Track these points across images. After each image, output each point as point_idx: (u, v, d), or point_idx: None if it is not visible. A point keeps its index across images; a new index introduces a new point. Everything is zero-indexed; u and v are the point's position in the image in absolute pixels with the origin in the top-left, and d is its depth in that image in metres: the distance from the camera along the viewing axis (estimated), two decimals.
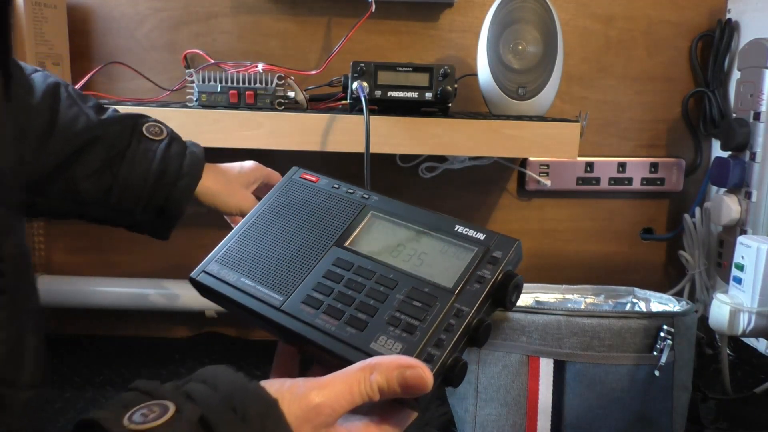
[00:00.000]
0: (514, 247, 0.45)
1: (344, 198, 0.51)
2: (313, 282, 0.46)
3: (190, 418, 0.32)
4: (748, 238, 0.82)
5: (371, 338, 0.41)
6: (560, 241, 1.13)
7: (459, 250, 0.45)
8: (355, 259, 0.46)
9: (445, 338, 0.41)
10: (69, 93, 0.60)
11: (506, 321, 0.74)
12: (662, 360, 0.70)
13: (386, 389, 0.37)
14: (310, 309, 0.44)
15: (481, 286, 0.43)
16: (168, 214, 0.63)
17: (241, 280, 0.47)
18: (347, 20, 1.03)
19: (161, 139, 0.63)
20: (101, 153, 0.59)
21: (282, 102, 0.87)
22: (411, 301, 0.43)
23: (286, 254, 0.48)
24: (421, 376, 0.37)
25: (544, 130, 0.86)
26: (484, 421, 0.75)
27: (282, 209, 0.52)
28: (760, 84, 0.92)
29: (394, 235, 0.48)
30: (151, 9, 1.02)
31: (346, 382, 0.37)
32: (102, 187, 0.60)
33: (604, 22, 1.07)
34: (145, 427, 0.31)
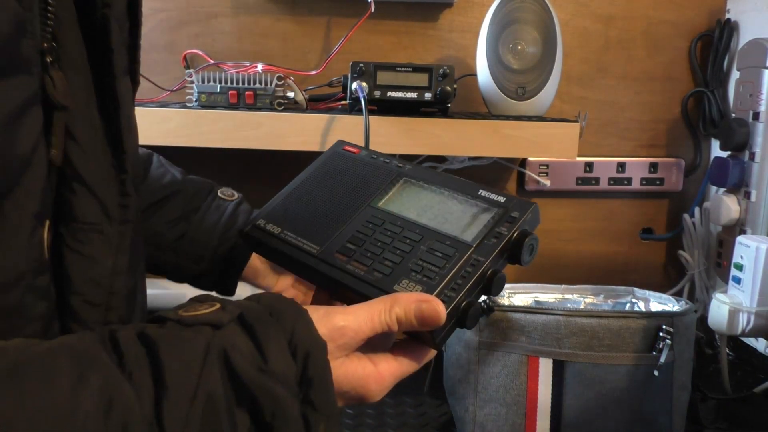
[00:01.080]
0: (531, 209, 0.49)
1: (381, 166, 0.57)
2: (347, 235, 0.51)
3: (233, 311, 0.37)
4: (747, 238, 0.82)
5: (395, 281, 0.46)
6: (560, 241, 1.13)
7: (480, 211, 0.50)
8: (386, 217, 0.52)
9: (460, 283, 0.45)
10: (159, 159, 0.70)
11: (506, 321, 0.74)
12: (661, 360, 0.70)
13: (404, 320, 0.41)
14: (343, 257, 0.49)
15: (497, 241, 0.47)
16: (233, 263, 0.68)
17: (284, 233, 0.53)
18: (347, 20, 1.03)
19: (233, 199, 0.70)
20: (180, 204, 0.66)
21: (281, 102, 0.87)
22: (433, 252, 0.47)
23: (325, 211, 0.54)
24: (435, 309, 0.41)
25: (543, 130, 0.86)
26: (484, 421, 0.75)
27: (324, 174, 0.57)
28: (760, 84, 0.92)
29: (422, 197, 0.53)
30: (151, 9, 1.02)
31: (368, 311, 0.41)
32: (177, 234, 0.66)
33: (603, 22, 1.07)
34: (194, 313, 0.37)
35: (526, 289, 0.84)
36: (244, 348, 0.36)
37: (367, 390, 0.41)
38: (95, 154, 0.40)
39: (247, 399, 0.35)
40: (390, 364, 0.43)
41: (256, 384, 0.35)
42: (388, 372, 0.42)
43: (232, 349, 0.35)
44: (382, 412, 0.84)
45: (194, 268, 0.67)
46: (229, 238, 0.66)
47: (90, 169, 0.39)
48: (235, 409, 0.35)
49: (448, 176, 0.54)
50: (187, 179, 0.69)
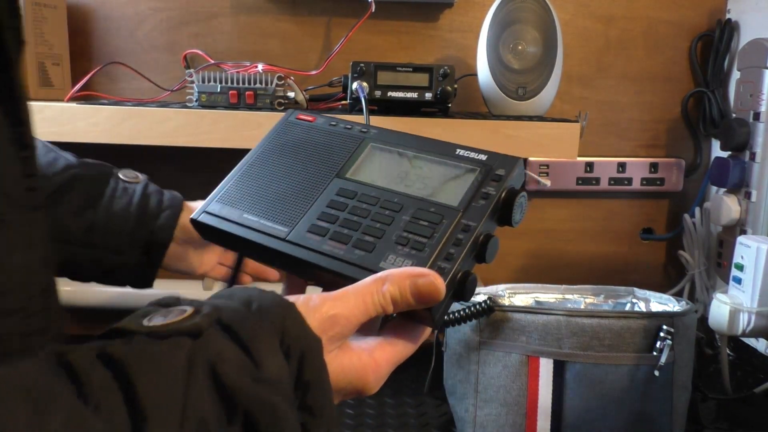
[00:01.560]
0: (517, 165, 0.45)
1: (342, 133, 0.51)
2: (317, 212, 0.46)
3: (210, 314, 0.32)
4: (747, 238, 0.82)
5: (380, 258, 0.42)
6: (560, 241, 1.13)
7: (462, 171, 0.46)
8: (359, 188, 0.46)
9: (454, 252, 0.41)
10: (44, 142, 0.61)
11: (506, 321, 0.74)
12: (662, 360, 0.70)
13: (399, 299, 0.37)
14: (316, 237, 0.44)
15: (486, 202, 0.43)
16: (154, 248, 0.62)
17: (244, 216, 0.47)
18: (347, 20, 1.03)
19: (137, 181, 0.64)
20: (82, 192, 0.60)
21: (282, 102, 0.87)
22: (417, 221, 0.43)
23: (287, 188, 0.48)
24: (433, 283, 0.37)
25: (543, 131, 0.86)
26: (484, 421, 0.75)
27: (280, 147, 0.51)
28: (760, 84, 0.92)
29: (395, 163, 0.48)
30: (151, 9, 1.02)
31: (359, 295, 0.37)
32: (84, 224, 0.60)
33: (604, 23, 1.07)
34: (165, 323, 0.31)
35: (527, 289, 0.84)
36: (231, 356, 0.31)
37: (365, 382, 0.38)
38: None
39: (241, 414, 0.30)
40: (385, 350, 0.39)
41: (252, 397, 0.30)
42: (384, 360, 0.39)
43: (219, 359, 0.30)
44: (382, 412, 0.84)
45: (113, 260, 0.61)
46: (146, 222, 0.61)
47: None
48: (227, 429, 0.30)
49: (419, 137, 0.49)
50: (83, 162, 0.62)
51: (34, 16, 0.88)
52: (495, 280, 1.09)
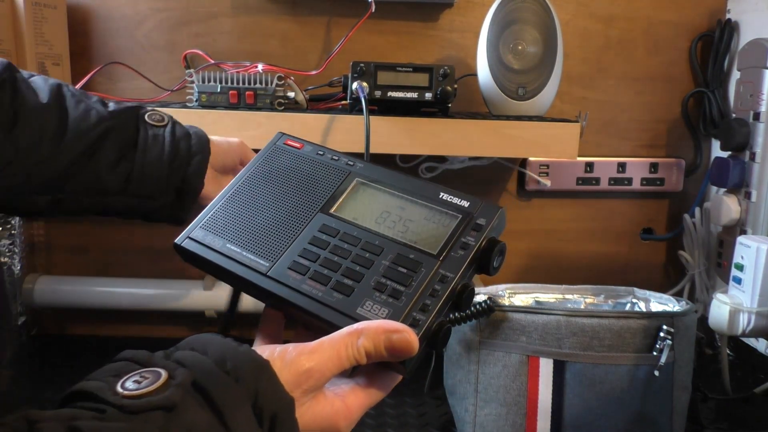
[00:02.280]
0: (498, 215, 0.45)
1: (329, 164, 0.51)
2: (299, 248, 0.46)
3: (184, 381, 0.32)
4: (747, 238, 0.82)
5: (358, 303, 0.42)
6: (560, 241, 1.13)
7: (443, 217, 0.46)
8: (341, 226, 0.47)
9: (430, 303, 0.41)
10: (72, 91, 0.61)
11: (506, 321, 0.74)
12: (662, 360, 0.70)
13: (373, 353, 0.38)
14: (296, 275, 0.45)
15: (465, 253, 0.44)
16: (186, 193, 0.64)
17: (227, 246, 0.48)
18: (347, 20, 1.03)
19: (164, 125, 0.65)
20: (115, 144, 0.60)
21: (282, 102, 0.87)
22: (396, 267, 0.43)
23: (271, 220, 0.48)
24: (407, 340, 0.38)
25: (543, 131, 0.86)
26: (484, 421, 0.75)
27: (267, 175, 0.52)
28: (760, 84, 0.92)
29: (379, 202, 0.48)
30: (151, 9, 1.03)
31: (334, 347, 0.38)
32: (122, 177, 0.61)
33: (604, 23, 1.07)
34: (139, 393, 0.31)
35: (527, 290, 0.84)
36: (204, 426, 0.31)
37: (336, 427, 0.38)
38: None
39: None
40: (358, 396, 0.40)
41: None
42: (356, 405, 0.40)
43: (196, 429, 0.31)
44: (382, 412, 0.84)
45: (148, 205, 0.62)
46: (178, 169, 0.62)
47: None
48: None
49: (405, 176, 0.50)
50: (113, 111, 0.62)
51: (34, 16, 0.88)
52: (495, 280, 1.10)
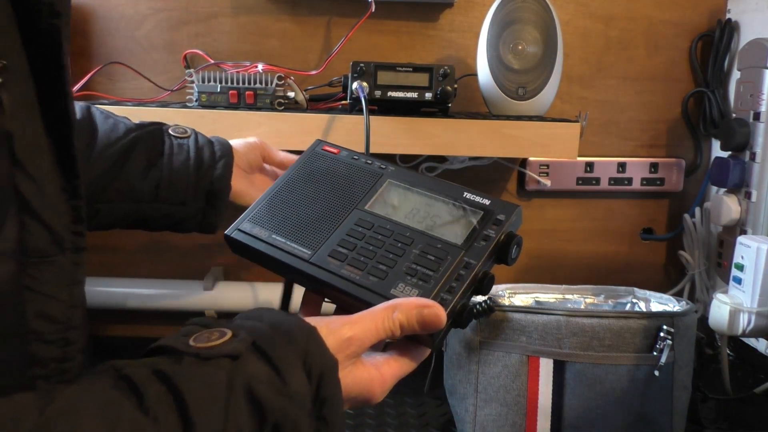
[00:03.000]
0: (516, 212, 0.51)
1: (363, 167, 0.57)
2: (338, 239, 0.51)
3: (245, 339, 0.37)
4: (747, 238, 0.82)
5: (391, 285, 0.47)
6: (560, 241, 1.13)
7: (467, 213, 0.52)
8: (375, 220, 0.52)
9: (455, 285, 0.47)
10: (100, 110, 0.66)
11: (506, 321, 0.74)
12: (662, 360, 0.70)
13: (406, 326, 0.43)
14: (336, 261, 0.50)
15: (486, 244, 0.49)
16: (216, 196, 0.67)
17: (273, 236, 0.53)
18: (347, 20, 1.03)
19: (188, 136, 0.69)
20: (144, 152, 0.64)
21: (282, 102, 0.87)
22: (426, 255, 0.49)
23: (312, 215, 0.54)
24: (437, 314, 0.43)
25: (543, 130, 0.86)
26: (484, 421, 0.75)
27: (307, 176, 0.57)
28: (760, 84, 0.92)
29: (409, 200, 0.54)
30: (151, 9, 1.02)
31: (373, 319, 0.43)
32: (152, 183, 0.64)
33: (604, 22, 1.07)
34: (209, 345, 0.36)
35: (527, 290, 0.84)
36: (264, 376, 0.36)
37: (372, 393, 0.43)
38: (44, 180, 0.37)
39: (270, 425, 0.36)
40: (391, 366, 0.45)
41: (279, 409, 0.36)
42: (389, 374, 0.44)
43: (254, 380, 0.36)
44: (382, 412, 0.84)
45: (180, 211, 0.65)
46: (204, 174, 0.65)
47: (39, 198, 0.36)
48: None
49: (431, 178, 0.56)
50: (139, 125, 0.66)
51: None
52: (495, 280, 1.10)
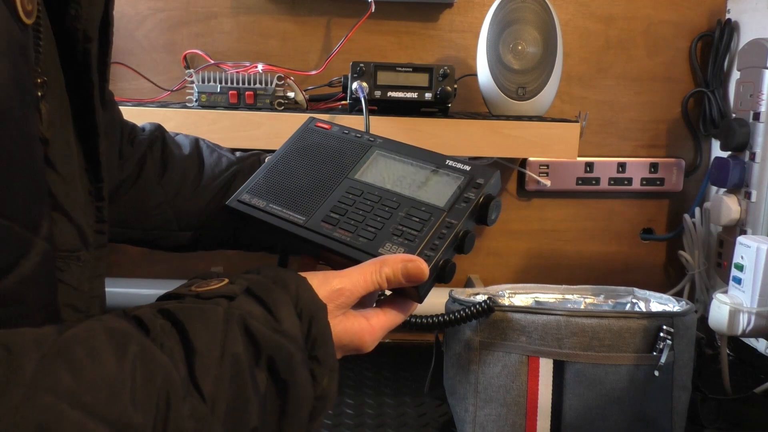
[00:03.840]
0: (494, 175, 0.54)
1: (353, 140, 0.61)
2: (330, 205, 0.55)
3: (240, 284, 0.42)
4: (747, 238, 0.82)
5: (379, 245, 0.51)
6: (560, 241, 1.13)
7: (449, 179, 0.55)
8: (364, 187, 0.56)
9: (438, 243, 0.50)
10: (207, 143, 0.72)
11: (506, 321, 0.74)
12: (662, 360, 0.70)
13: (392, 278, 0.47)
14: (328, 225, 0.54)
15: (467, 205, 0.52)
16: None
17: (270, 205, 0.57)
18: (347, 20, 1.03)
19: None
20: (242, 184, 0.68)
21: (282, 102, 0.87)
22: (410, 217, 0.53)
23: (306, 185, 0.58)
24: (419, 267, 0.47)
25: (543, 131, 0.86)
26: (484, 421, 0.75)
27: (301, 150, 0.61)
28: (760, 84, 0.92)
29: (395, 168, 0.57)
30: (151, 9, 1.02)
31: (361, 273, 0.47)
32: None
33: (604, 22, 1.07)
34: (208, 288, 0.41)
35: (527, 290, 0.84)
36: (258, 313, 0.40)
37: (362, 342, 0.47)
38: (74, 182, 0.41)
39: (265, 358, 0.39)
40: (380, 317, 0.48)
41: (273, 343, 0.39)
42: (378, 325, 0.48)
43: (249, 315, 0.39)
44: (382, 412, 0.84)
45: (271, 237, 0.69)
46: None
47: (69, 198, 0.40)
48: (255, 369, 0.39)
49: (417, 148, 0.59)
50: (240, 158, 0.72)
51: None
52: (495, 280, 1.10)
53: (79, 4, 0.41)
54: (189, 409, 0.35)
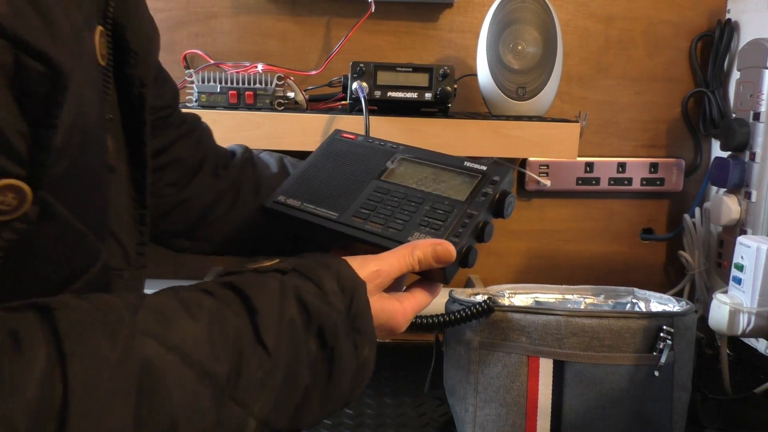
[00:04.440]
0: (509, 173, 0.60)
1: (378, 148, 0.66)
2: (360, 203, 0.60)
3: (290, 263, 0.47)
4: (747, 238, 0.82)
5: (408, 235, 0.56)
6: (560, 241, 1.13)
7: (468, 177, 0.60)
8: (391, 186, 0.61)
9: (461, 231, 0.56)
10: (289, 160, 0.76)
11: (506, 321, 0.74)
12: (662, 360, 0.70)
13: (423, 260, 0.52)
14: (360, 219, 0.58)
15: (485, 199, 0.58)
16: None
17: (304, 204, 0.61)
18: (347, 20, 1.03)
19: None
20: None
21: (282, 102, 0.87)
22: (435, 210, 0.58)
23: (336, 186, 0.63)
24: (447, 249, 0.52)
25: (543, 131, 0.86)
26: (484, 421, 0.74)
27: (329, 157, 0.66)
28: (760, 84, 0.92)
29: (418, 170, 0.63)
30: (151, 9, 1.02)
31: (396, 256, 0.52)
32: None
33: (604, 22, 1.07)
34: (262, 265, 0.46)
35: (527, 290, 0.84)
36: (308, 286, 0.45)
37: (396, 322, 0.51)
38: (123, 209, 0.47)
39: (315, 326, 0.44)
40: (410, 300, 0.53)
41: (322, 313, 0.44)
42: (410, 306, 0.52)
43: (301, 288, 0.44)
44: (382, 412, 0.84)
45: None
46: None
47: (119, 222, 0.45)
48: (307, 335, 0.43)
49: (436, 152, 0.64)
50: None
51: None
52: (495, 280, 1.10)
53: (138, 54, 0.48)
54: (257, 360, 0.40)
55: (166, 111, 0.65)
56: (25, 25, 0.32)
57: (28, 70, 0.32)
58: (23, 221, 0.34)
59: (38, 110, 0.33)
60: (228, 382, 0.38)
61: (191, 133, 0.70)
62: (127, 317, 0.35)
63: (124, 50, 0.47)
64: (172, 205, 0.66)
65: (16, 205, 0.33)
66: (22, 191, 0.34)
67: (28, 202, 0.34)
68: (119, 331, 0.34)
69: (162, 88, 0.64)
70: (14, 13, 0.32)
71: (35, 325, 0.32)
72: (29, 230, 0.35)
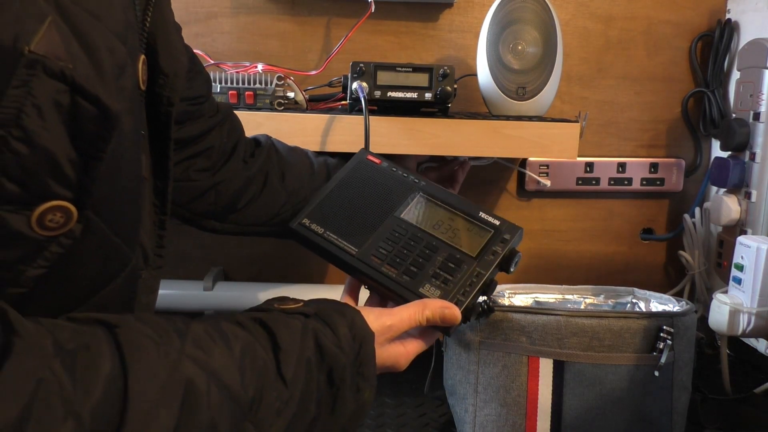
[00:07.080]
0: (518, 232, 0.65)
1: (401, 179, 0.70)
2: (378, 240, 0.65)
3: (313, 308, 0.53)
4: (747, 239, 0.82)
5: (420, 285, 0.61)
6: (560, 241, 1.13)
7: (481, 230, 0.65)
8: (409, 227, 0.66)
9: (468, 290, 0.61)
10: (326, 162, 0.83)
11: (506, 321, 0.74)
12: (662, 360, 0.70)
13: (431, 319, 0.58)
14: (377, 260, 0.63)
15: (494, 257, 0.63)
16: None
17: (327, 233, 0.66)
18: (347, 20, 1.03)
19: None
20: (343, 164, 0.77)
21: (282, 102, 0.87)
22: (447, 263, 0.62)
23: (357, 217, 0.67)
24: (454, 314, 0.58)
25: (543, 131, 0.86)
26: (484, 421, 0.75)
27: (354, 181, 0.70)
28: (760, 84, 0.92)
29: (435, 213, 0.67)
30: None
31: (408, 313, 0.57)
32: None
33: (604, 23, 1.07)
34: (288, 306, 0.52)
35: (527, 290, 0.84)
36: (325, 332, 0.50)
37: (398, 363, 0.57)
38: (147, 216, 0.51)
39: (326, 366, 0.49)
40: (413, 345, 0.59)
41: (334, 356, 0.49)
42: (412, 350, 0.59)
43: (319, 331, 0.50)
44: (382, 412, 0.84)
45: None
46: None
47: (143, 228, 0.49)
48: (319, 373, 0.49)
49: (454, 195, 0.68)
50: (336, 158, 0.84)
51: None
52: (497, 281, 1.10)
53: (167, 75, 0.51)
54: (276, 391, 0.45)
55: (198, 100, 0.69)
56: (81, 71, 0.36)
57: (83, 111, 0.36)
58: (68, 237, 0.38)
59: (88, 144, 0.37)
60: (250, 407, 0.43)
61: (223, 123, 0.74)
62: (176, 341, 0.41)
63: (154, 71, 0.51)
64: (204, 189, 0.72)
65: (63, 222, 0.38)
66: (69, 211, 0.38)
67: (73, 221, 0.38)
68: (170, 353, 0.40)
69: (194, 81, 0.68)
70: (72, 59, 0.35)
71: (103, 340, 0.38)
72: (73, 244, 0.39)
